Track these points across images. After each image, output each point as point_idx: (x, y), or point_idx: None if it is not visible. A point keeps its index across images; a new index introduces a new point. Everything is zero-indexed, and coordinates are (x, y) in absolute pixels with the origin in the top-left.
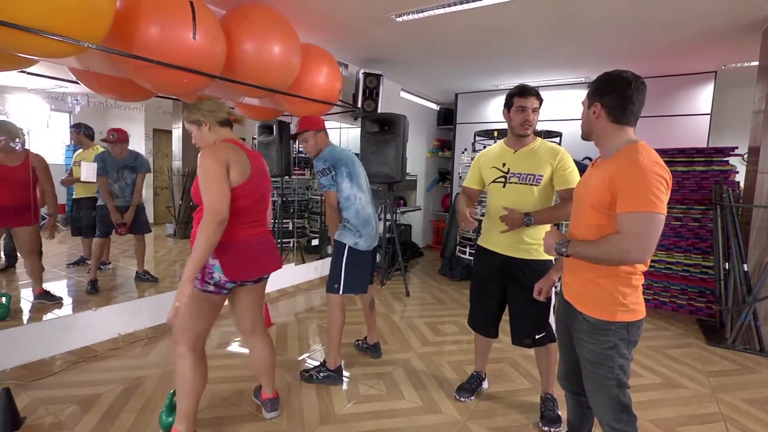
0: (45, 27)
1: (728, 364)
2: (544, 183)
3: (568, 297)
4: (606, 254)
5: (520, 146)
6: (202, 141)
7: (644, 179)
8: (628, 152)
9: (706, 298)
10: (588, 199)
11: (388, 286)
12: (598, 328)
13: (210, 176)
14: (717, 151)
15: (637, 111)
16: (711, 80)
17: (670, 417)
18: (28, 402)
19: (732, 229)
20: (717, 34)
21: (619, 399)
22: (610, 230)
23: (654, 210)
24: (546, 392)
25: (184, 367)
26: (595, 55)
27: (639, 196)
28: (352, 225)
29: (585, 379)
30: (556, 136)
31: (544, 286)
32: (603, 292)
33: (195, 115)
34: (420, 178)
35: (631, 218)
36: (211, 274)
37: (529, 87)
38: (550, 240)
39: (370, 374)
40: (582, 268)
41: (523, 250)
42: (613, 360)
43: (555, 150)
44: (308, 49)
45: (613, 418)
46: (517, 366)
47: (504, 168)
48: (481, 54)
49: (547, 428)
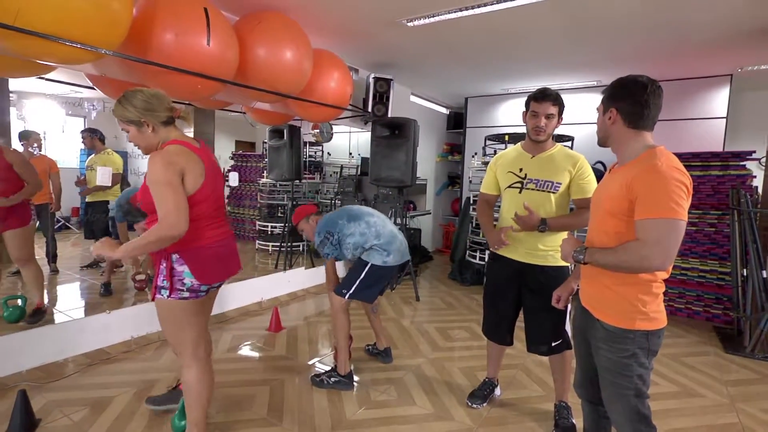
0: (63, 34)
1: (747, 373)
2: (562, 190)
3: (585, 304)
4: (625, 262)
5: (538, 151)
6: (145, 144)
7: (663, 185)
8: (647, 158)
9: (722, 305)
10: (605, 206)
11: (398, 290)
12: (617, 336)
13: (163, 187)
14: (733, 155)
15: (654, 115)
16: (727, 83)
17: (688, 427)
18: (43, 404)
19: (750, 234)
20: (733, 36)
21: (638, 409)
22: (628, 237)
23: (674, 216)
24: (560, 400)
25: (190, 377)
26: (607, 58)
27: (658, 203)
28: (379, 245)
29: (603, 387)
30: (568, 140)
31: (562, 294)
32: (621, 299)
33: (131, 114)
34: (429, 182)
35: (650, 225)
36: (182, 281)
37: (548, 91)
38: (568, 247)
39: (381, 379)
40: (600, 275)
41: (539, 257)
42: (632, 369)
43: (574, 157)
44: (320, 54)
45: (632, 429)
46: (530, 373)
47: (521, 173)
48: (492, 58)
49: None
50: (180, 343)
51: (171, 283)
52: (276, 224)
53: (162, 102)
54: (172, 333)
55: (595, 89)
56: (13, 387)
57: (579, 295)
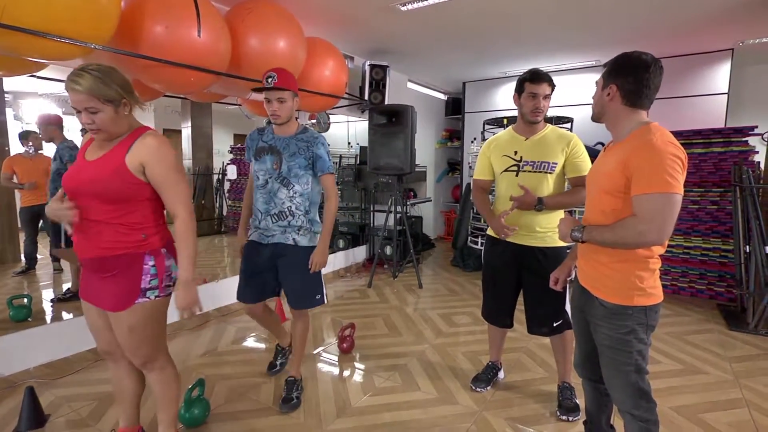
0: (51, 30)
1: (751, 349)
2: (558, 171)
3: (583, 283)
4: (622, 237)
5: (532, 133)
6: (116, 128)
7: (659, 159)
8: (641, 134)
9: (726, 283)
10: (602, 184)
11: (400, 278)
12: (615, 313)
13: (178, 171)
14: (735, 131)
15: (652, 95)
16: (728, 58)
17: (692, 404)
18: (51, 400)
19: (753, 210)
20: (732, 9)
21: (639, 385)
22: (625, 214)
23: (670, 190)
24: (563, 381)
25: (169, 375)
26: (606, 37)
27: (654, 177)
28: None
29: (603, 365)
30: (567, 121)
31: (560, 275)
32: (619, 276)
33: (113, 92)
34: (429, 169)
35: (646, 200)
36: (170, 275)
37: (542, 72)
38: (565, 226)
39: (386, 366)
40: (597, 253)
41: (537, 238)
42: (631, 345)
43: (567, 137)
44: (313, 42)
45: (633, 404)
46: (533, 355)
47: (516, 156)
48: (489, 41)
49: (566, 417)
50: (158, 346)
51: (160, 280)
52: None
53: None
54: (153, 337)
55: (595, 69)
56: (20, 384)
57: (577, 274)
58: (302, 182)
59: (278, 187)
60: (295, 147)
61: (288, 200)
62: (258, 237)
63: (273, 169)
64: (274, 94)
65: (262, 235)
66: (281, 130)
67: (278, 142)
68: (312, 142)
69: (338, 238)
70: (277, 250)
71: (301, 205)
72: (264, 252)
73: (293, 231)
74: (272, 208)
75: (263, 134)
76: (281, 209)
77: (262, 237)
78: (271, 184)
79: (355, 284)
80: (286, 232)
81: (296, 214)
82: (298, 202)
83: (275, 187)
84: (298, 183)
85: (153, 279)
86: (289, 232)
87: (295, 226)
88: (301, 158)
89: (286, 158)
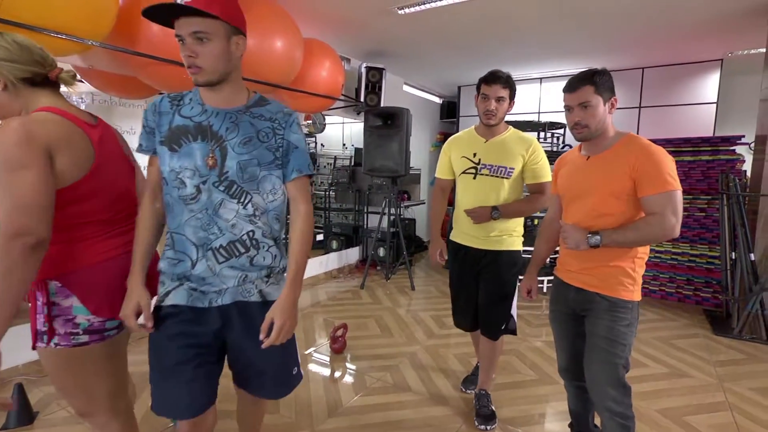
0: (49, 25)
1: (735, 354)
2: (515, 176)
3: (578, 283)
4: (650, 234)
5: (491, 135)
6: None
7: (666, 162)
8: (633, 140)
9: (712, 289)
10: (608, 190)
11: (393, 280)
12: (619, 306)
13: (10, 172)
14: (723, 139)
15: None
16: (717, 68)
17: (677, 406)
18: (40, 397)
19: (739, 218)
20: (723, 21)
21: (624, 381)
22: (630, 214)
23: (679, 188)
24: (481, 388)
25: None
26: (600, 44)
27: (666, 177)
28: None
29: (592, 360)
30: (561, 127)
31: (532, 285)
32: (620, 272)
33: None
34: (423, 171)
35: (664, 198)
36: (73, 321)
37: (498, 74)
38: (579, 235)
39: (377, 367)
40: (593, 256)
41: (493, 242)
42: (627, 338)
43: (527, 141)
44: (310, 43)
45: (614, 399)
46: (524, 358)
47: (475, 158)
48: (484, 45)
49: (484, 426)
50: (88, 401)
51: (51, 325)
52: None
53: (28, 52)
54: (70, 390)
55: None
56: (9, 381)
57: (565, 278)
58: (265, 190)
59: (221, 199)
60: (250, 128)
61: (245, 221)
62: (186, 297)
63: (207, 167)
64: (188, 25)
65: (195, 292)
66: (216, 96)
67: (214, 118)
68: (281, 122)
69: (331, 239)
70: (230, 315)
71: (269, 230)
72: (206, 321)
73: (259, 278)
74: (215, 238)
75: (180, 104)
76: (233, 238)
77: (198, 296)
78: (207, 193)
79: (348, 285)
80: (246, 280)
81: (262, 246)
82: (263, 224)
83: (216, 200)
84: (260, 191)
85: (44, 321)
86: (251, 279)
87: (260, 268)
88: (263, 148)
89: (233, 147)
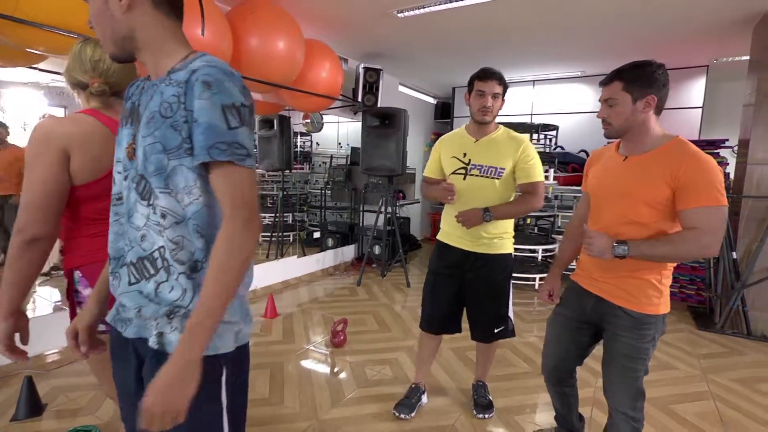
0: (62, 24)
1: (717, 347)
2: (506, 176)
3: (602, 293)
4: (684, 251)
5: (482, 135)
6: None
7: (714, 174)
8: (681, 145)
9: (696, 286)
10: (643, 196)
11: (389, 277)
12: (643, 323)
13: (26, 171)
14: (708, 143)
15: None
16: (703, 74)
17: (663, 396)
18: (48, 389)
19: None
20: (709, 29)
21: (642, 389)
22: (662, 225)
23: (725, 204)
24: (479, 380)
25: None
26: (591, 49)
27: (712, 191)
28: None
29: (610, 372)
30: (553, 129)
31: (554, 287)
32: (646, 285)
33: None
34: (418, 171)
35: (706, 213)
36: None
37: (492, 70)
38: (604, 243)
39: (376, 360)
40: (618, 264)
41: (483, 245)
42: (648, 353)
43: (518, 140)
44: (311, 44)
45: (631, 406)
46: (518, 352)
47: (465, 159)
48: (480, 48)
49: (482, 415)
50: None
51: (74, 311)
52: (266, 214)
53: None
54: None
55: (580, 79)
56: (18, 374)
57: (585, 285)
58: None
59: (134, 200)
60: (158, 100)
61: (155, 232)
62: (113, 314)
63: (128, 159)
64: None
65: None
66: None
67: (142, 94)
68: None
69: (327, 236)
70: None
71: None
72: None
73: (159, 316)
74: (127, 251)
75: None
76: (142, 254)
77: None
78: (127, 192)
79: (345, 282)
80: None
81: (171, 270)
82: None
83: (131, 202)
84: (170, 190)
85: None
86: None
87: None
88: (166, 126)
89: (141, 130)
